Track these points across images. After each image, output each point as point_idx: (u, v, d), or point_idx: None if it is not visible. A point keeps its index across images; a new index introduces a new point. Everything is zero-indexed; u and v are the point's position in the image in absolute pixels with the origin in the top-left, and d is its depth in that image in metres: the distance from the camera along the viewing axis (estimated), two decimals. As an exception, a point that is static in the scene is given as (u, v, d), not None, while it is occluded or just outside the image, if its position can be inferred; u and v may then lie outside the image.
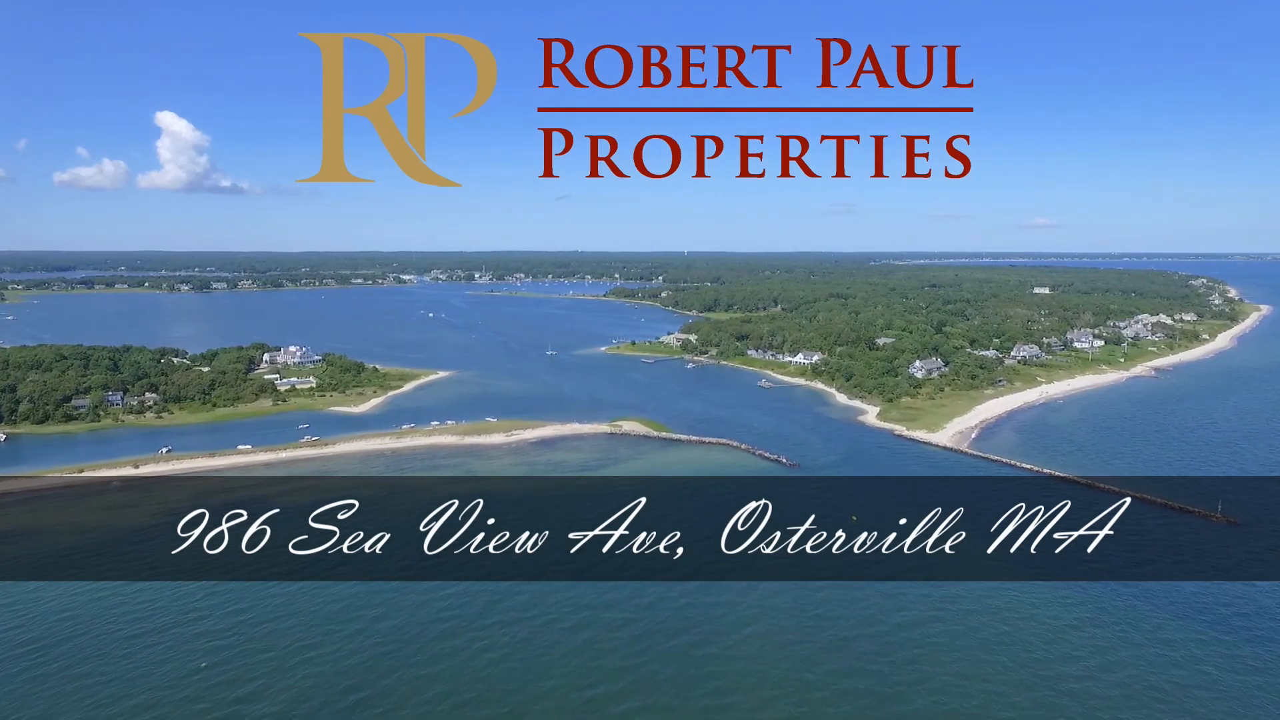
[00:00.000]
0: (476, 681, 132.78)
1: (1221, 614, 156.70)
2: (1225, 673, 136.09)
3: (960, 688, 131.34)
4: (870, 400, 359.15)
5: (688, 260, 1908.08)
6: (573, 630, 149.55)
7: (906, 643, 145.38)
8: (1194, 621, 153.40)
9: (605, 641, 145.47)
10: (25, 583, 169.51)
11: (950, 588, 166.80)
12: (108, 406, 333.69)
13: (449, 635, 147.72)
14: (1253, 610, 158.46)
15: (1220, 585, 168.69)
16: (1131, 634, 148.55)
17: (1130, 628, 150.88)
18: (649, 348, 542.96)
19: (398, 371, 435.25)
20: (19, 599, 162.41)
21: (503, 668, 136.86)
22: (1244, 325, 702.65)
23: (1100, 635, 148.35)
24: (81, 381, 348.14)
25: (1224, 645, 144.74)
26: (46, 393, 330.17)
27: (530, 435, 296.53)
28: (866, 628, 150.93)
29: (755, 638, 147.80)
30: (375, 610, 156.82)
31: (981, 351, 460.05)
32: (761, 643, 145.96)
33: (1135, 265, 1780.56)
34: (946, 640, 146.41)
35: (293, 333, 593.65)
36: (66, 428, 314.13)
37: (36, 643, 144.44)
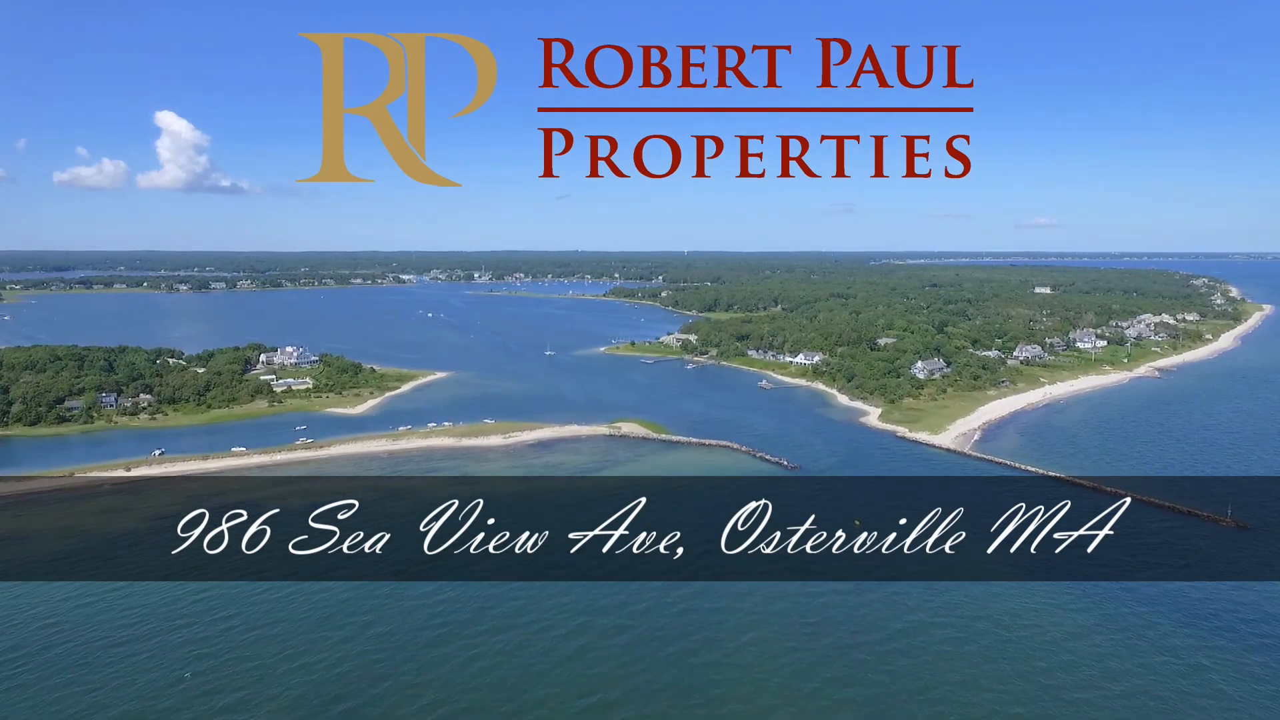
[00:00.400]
0: (469, 690, 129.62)
1: (1228, 620, 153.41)
2: (1233, 683, 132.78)
3: (961, 698, 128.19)
4: (872, 401, 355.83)
5: (688, 260, 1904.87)
6: (568, 636, 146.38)
7: (907, 650, 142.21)
8: (1201, 628, 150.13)
9: (600, 649, 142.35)
10: (11, 585, 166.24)
11: (951, 591, 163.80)
12: (101, 408, 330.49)
13: (440, 642, 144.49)
14: (1261, 617, 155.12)
15: (1229, 592, 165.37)
16: (1136, 642, 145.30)
17: (1135, 635, 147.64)
18: (648, 348, 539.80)
19: (395, 372, 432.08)
20: (1, 604, 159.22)
21: (495, 675, 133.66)
22: (1247, 325, 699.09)
23: (1104, 642, 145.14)
24: (75, 383, 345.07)
25: (1231, 653, 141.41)
26: (39, 394, 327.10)
27: (528, 437, 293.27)
28: (866, 634, 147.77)
29: (753, 644, 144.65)
30: (366, 615, 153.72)
31: (984, 352, 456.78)
32: (759, 650, 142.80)
33: (1136, 265, 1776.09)
34: (948, 648, 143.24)
35: (290, 333, 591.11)
36: (59, 429, 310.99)
37: (16, 650, 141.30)
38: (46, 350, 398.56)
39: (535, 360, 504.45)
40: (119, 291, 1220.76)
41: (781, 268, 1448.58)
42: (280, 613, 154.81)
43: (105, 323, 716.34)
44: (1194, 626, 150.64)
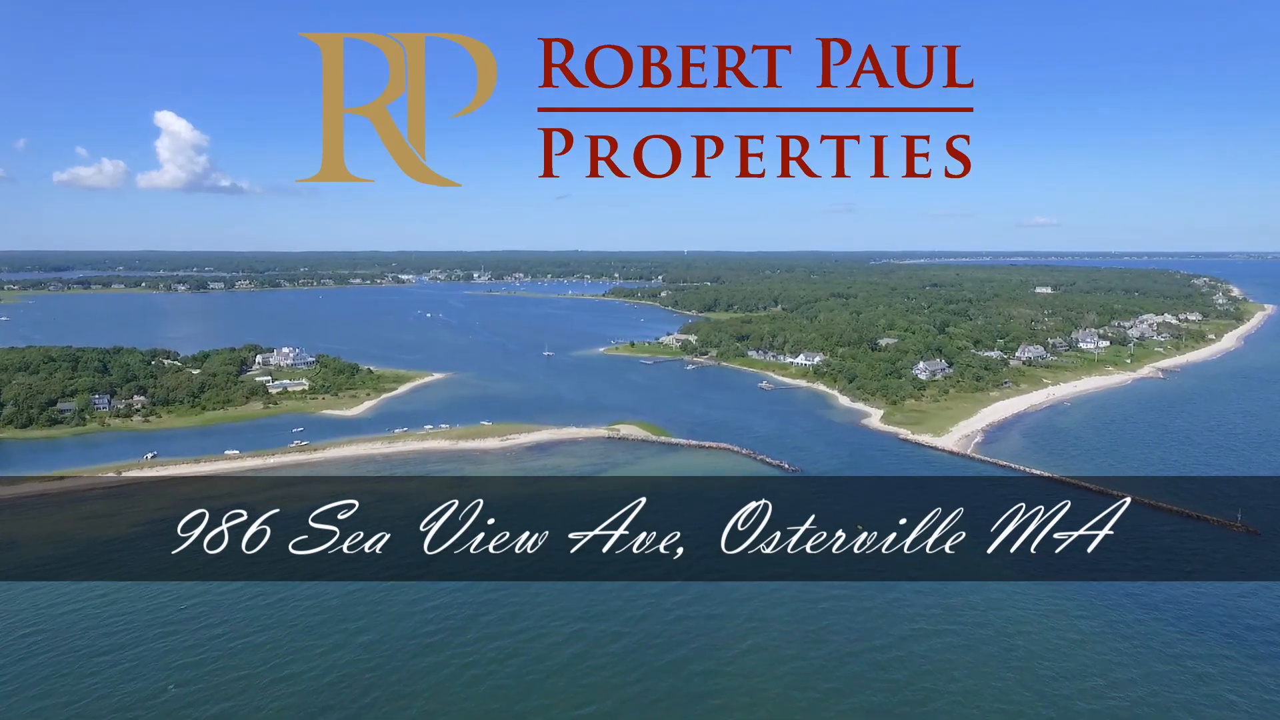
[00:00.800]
0: (460, 700, 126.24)
1: (1236, 629, 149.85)
2: (1242, 695, 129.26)
3: (963, 712, 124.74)
4: (874, 403, 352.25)
5: (687, 260, 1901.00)
6: (564, 643, 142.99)
7: (909, 659, 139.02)
8: (1210, 636, 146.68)
9: (596, 657, 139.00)
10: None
11: (952, 596, 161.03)
12: (94, 410, 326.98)
13: (432, 650, 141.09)
14: (1271, 625, 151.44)
15: (1238, 600, 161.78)
16: (1143, 651, 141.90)
17: (1141, 643, 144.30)
18: (648, 348, 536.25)
19: (392, 373, 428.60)
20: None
21: (488, 685, 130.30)
22: (1249, 325, 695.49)
23: (1110, 650, 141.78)
24: (68, 384, 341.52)
25: (1240, 663, 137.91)
26: (31, 396, 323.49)
27: (525, 439, 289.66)
28: (866, 642, 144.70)
29: (752, 652, 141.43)
30: (359, 621, 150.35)
31: (986, 352, 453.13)
32: (758, 658, 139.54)
33: (1136, 264, 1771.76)
34: (950, 656, 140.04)
35: (288, 334, 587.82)
36: (51, 432, 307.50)
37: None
38: (40, 351, 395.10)
39: (534, 361, 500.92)
40: (117, 292, 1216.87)
41: (781, 268, 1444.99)
42: (270, 618, 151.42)
43: (102, 323, 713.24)
44: (1203, 635, 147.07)
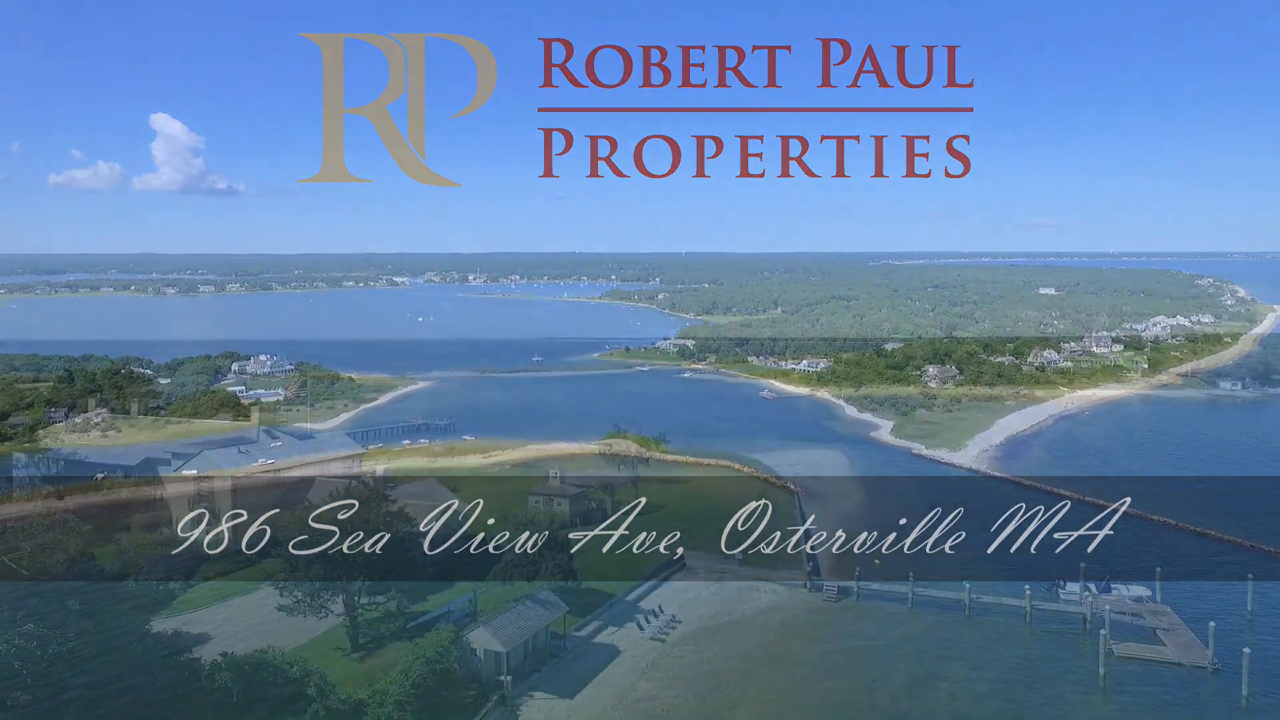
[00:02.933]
0: None
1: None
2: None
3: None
4: (882, 413, 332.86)
5: (685, 260, 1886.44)
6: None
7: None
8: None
9: None
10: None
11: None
12: (48, 424, 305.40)
13: None
14: None
15: None
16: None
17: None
18: (644, 354, 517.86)
19: (375, 380, 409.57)
20: None
21: None
22: (1264, 326, 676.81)
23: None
24: (23, 396, 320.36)
25: None
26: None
27: (510, 457, 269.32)
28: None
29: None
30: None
31: (996, 358, 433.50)
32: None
33: (1136, 264, 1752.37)
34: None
35: (273, 339, 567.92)
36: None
37: None
38: (2, 360, 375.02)
39: (523, 367, 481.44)
40: (105, 295, 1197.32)
41: (781, 268, 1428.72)
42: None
43: (86, 327, 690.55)
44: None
